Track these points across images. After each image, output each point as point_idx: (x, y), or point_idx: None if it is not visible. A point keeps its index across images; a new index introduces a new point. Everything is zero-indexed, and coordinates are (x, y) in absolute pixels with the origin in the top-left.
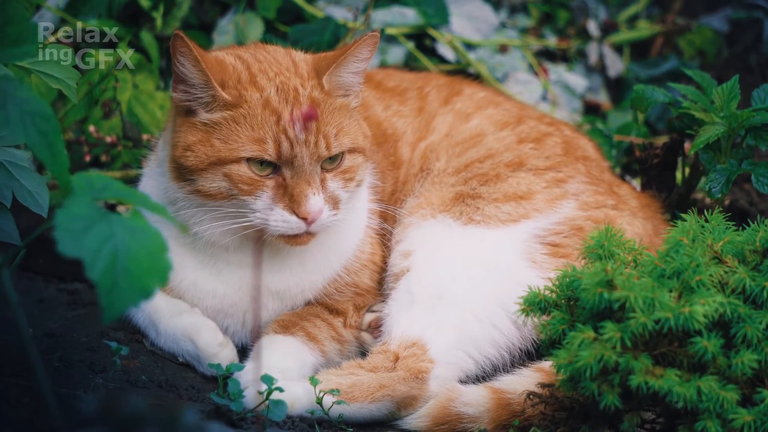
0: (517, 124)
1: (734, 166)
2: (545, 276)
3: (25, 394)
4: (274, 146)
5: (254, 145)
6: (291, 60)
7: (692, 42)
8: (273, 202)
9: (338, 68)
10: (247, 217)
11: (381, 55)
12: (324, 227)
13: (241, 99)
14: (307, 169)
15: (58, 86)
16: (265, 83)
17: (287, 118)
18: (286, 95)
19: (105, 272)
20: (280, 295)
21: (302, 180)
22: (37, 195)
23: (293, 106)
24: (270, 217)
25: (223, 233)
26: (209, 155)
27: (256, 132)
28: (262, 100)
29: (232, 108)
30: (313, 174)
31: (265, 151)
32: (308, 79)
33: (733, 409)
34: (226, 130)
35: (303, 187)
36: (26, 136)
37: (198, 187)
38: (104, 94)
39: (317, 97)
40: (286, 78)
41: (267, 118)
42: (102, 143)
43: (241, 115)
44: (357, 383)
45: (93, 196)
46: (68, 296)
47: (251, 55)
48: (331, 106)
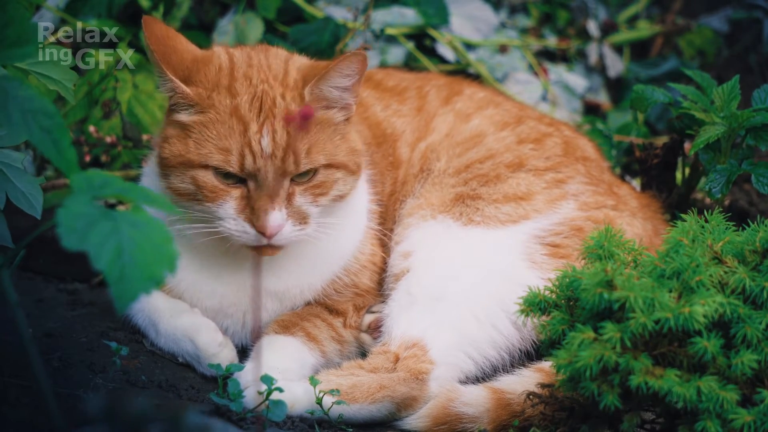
0: (517, 125)
1: (734, 167)
2: (545, 276)
3: (25, 394)
4: (238, 159)
5: (219, 155)
6: (284, 67)
7: (692, 42)
8: (235, 213)
9: (319, 82)
10: (212, 222)
11: (381, 55)
12: (289, 241)
13: (209, 102)
14: (270, 184)
15: (56, 87)
16: (242, 89)
17: (254, 129)
18: (261, 105)
19: (112, 263)
20: (279, 296)
21: (264, 194)
22: (30, 197)
23: (266, 117)
24: (232, 227)
25: (197, 234)
26: (180, 154)
27: (222, 141)
28: (231, 108)
29: (199, 109)
30: (277, 188)
31: (228, 162)
32: (293, 89)
33: (732, 410)
34: (198, 133)
35: (264, 201)
36: (29, 134)
37: (170, 184)
38: (104, 94)
39: (294, 109)
40: (268, 87)
41: (234, 127)
42: (102, 143)
43: (210, 120)
44: (357, 384)
45: (93, 194)
46: (68, 296)
47: (246, 58)
48: None
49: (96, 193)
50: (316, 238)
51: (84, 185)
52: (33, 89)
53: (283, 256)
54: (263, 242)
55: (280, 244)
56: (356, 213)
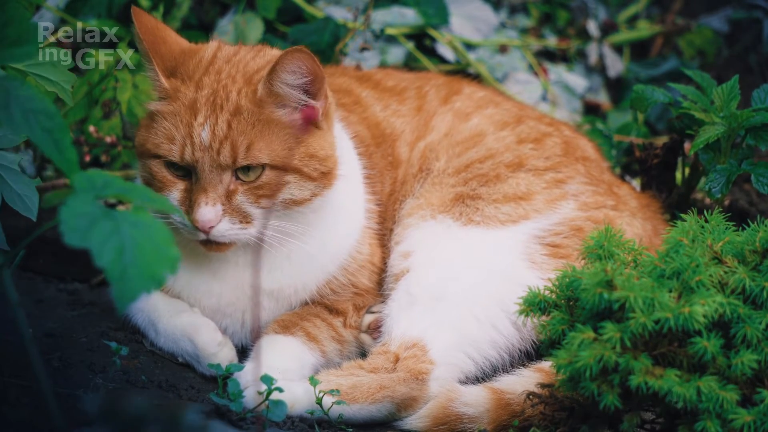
0: (516, 124)
1: (734, 166)
2: (545, 276)
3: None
4: (179, 149)
5: (166, 145)
6: (261, 66)
7: (692, 42)
8: (178, 204)
9: (270, 77)
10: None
11: (381, 55)
12: (230, 239)
13: (176, 94)
14: (207, 177)
15: (54, 89)
16: (207, 83)
17: (200, 121)
18: (215, 99)
19: (113, 262)
20: (275, 295)
21: (200, 187)
22: (26, 198)
23: (213, 110)
24: (176, 219)
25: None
26: (141, 143)
27: (170, 131)
28: (189, 100)
29: (167, 100)
30: (214, 183)
31: (170, 152)
32: (249, 85)
33: (732, 410)
34: (156, 123)
35: (199, 194)
36: (31, 134)
37: (140, 173)
38: (104, 94)
39: (243, 105)
40: (231, 82)
41: (184, 119)
42: (102, 143)
43: (170, 111)
44: (357, 384)
45: (94, 194)
46: (68, 296)
47: (232, 54)
48: (255, 116)
49: (98, 193)
50: (276, 241)
51: (86, 185)
52: (34, 89)
53: (275, 255)
54: (200, 237)
55: (218, 241)
56: (345, 215)
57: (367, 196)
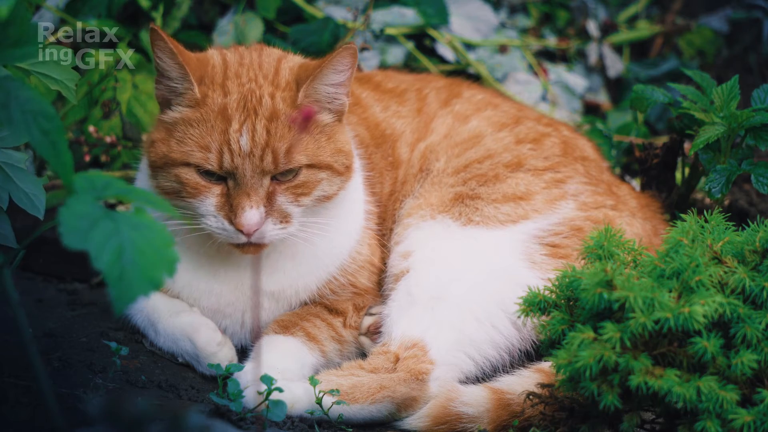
0: (515, 125)
1: (734, 166)
2: (545, 276)
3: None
4: (217, 157)
5: (199, 153)
6: (276, 66)
7: (692, 42)
8: (216, 210)
9: (314, 81)
10: (196, 219)
11: (381, 56)
12: (271, 239)
13: (205, 100)
14: (248, 182)
15: (57, 87)
16: (233, 88)
17: (235, 128)
18: (246, 104)
19: (112, 264)
20: (275, 296)
21: (242, 192)
22: (33, 197)
23: (248, 116)
24: (213, 224)
25: (183, 231)
26: (165, 154)
27: (204, 139)
28: (220, 106)
29: (195, 107)
30: (255, 187)
31: (207, 160)
32: (283, 89)
33: (732, 409)
34: (182, 131)
35: (242, 199)
36: (29, 135)
37: (159, 184)
38: (104, 94)
39: (279, 109)
40: (256, 85)
41: (217, 125)
42: (102, 143)
43: (197, 118)
44: (357, 384)
45: (95, 195)
46: (68, 296)
47: (238, 57)
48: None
49: (98, 194)
50: (303, 238)
51: (86, 186)
52: (34, 90)
53: (278, 256)
54: (242, 240)
55: (260, 243)
56: (351, 213)
57: (367, 197)
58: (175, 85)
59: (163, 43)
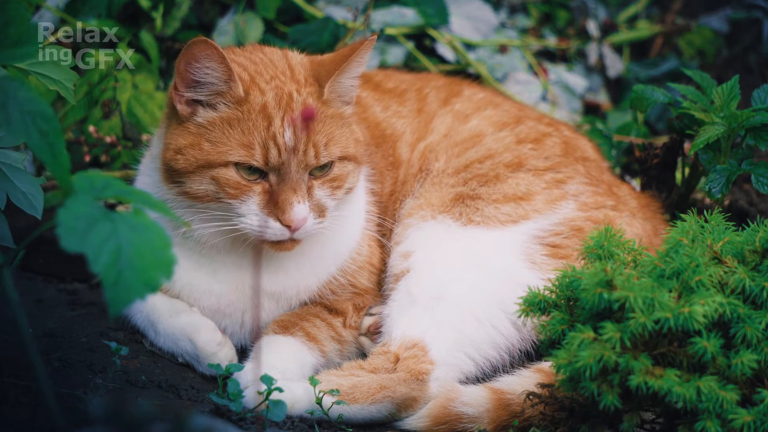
0: (516, 125)
1: (734, 167)
2: (545, 277)
3: (25, 394)
4: (262, 153)
5: (242, 150)
6: (287, 63)
7: (692, 42)
8: (258, 208)
9: (341, 75)
10: (232, 220)
11: (381, 56)
12: (309, 234)
13: (248, 98)
14: (293, 177)
15: (56, 88)
16: (265, 86)
17: (278, 124)
18: (280, 101)
19: (109, 266)
20: (276, 297)
21: (288, 187)
22: (31, 197)
23: (285, 112)
24: (255, 223)
25: (212, 234)
26: (198, 158)
27: (246, 137)
28: (261, 104)
29: (236, 106)
30: (299, 182)
31: (252, 157)
32: (305, 85)
33: (732, 409)
34: (219, 132)
35: (288, 194)
36: (27, 136)
37: (186, 189)
38: (104, 94)
39: (311, 104)
40: (281, 83)
41: (259, 123)
42: (102, 143)
43: (237, 117)
44: (358, 384)
45: (94, 195)
46: (68, 296)
47: (246, 58)
48: (324, 114)
49: (97, 194)
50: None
51: (86, 185)
52: (33, 91)
53: (282, 256)
54: (286, 236)
55: (300, 238)
56: (353, 213)
57: (366, 196)
58: (215, 88)
59: (213, 50)
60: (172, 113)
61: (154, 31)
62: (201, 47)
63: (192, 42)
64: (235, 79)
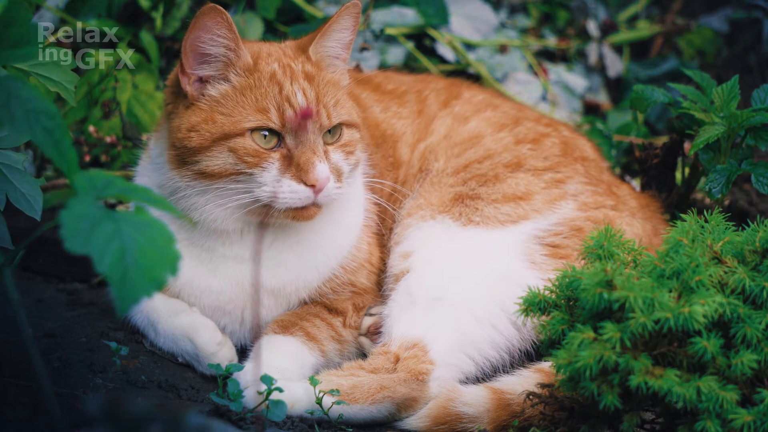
0: (514, 126)
1: (734, 167)
2: (545, 277)
3: (25, 394)
4: (278, 114)
5: (258, 115)
6: (278, 47)
7: (692, 42)
8: (280, 174)
9: (323, 38)
10: (253, 192)
11: (381, 56)
12: (330, 199)
13: (257, 66)
14: (311, 138)
15: (56, 89)
16: (269, 59)
17: (289, 87)
18: (285, 70)
19: (114, 266)
20: (275, 293)
21: (307, 149)
22: (30, 198)
23: (292, 78)
24: (278, 189)
25: (225, 216)
26: (213, 132)
27: (260, 102)
28: (270, 72)
29: (247, 74)
30: (316, 143)
31: (269, 119)
32: (295, 58)
33: (732, 409)
34: (232, 102)
35: (309, 155)
36: (32, 134)
37: (202, 168)
38: (104, 95)
39: (310, 70)
40: (279, 57)
41: (272, 88)
42: (102, 143)
43: (248, 86)
44: (358, 384)
45: (96, 195)
46: (68, 296)
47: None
48: (324, 79)
49: (99, 194)
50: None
51: (87, 186)
52: (35, 90)
53: (282, 246)
54: (309, 200)
55: (322, 203)
56: (352, 208)
57: (366, 195)
58: (226, 57)
59: (224, 18)
60: (177, 99)
61: (154, 31)
62: (212, 14)
63: (202, 11)
64: (243, 47)
